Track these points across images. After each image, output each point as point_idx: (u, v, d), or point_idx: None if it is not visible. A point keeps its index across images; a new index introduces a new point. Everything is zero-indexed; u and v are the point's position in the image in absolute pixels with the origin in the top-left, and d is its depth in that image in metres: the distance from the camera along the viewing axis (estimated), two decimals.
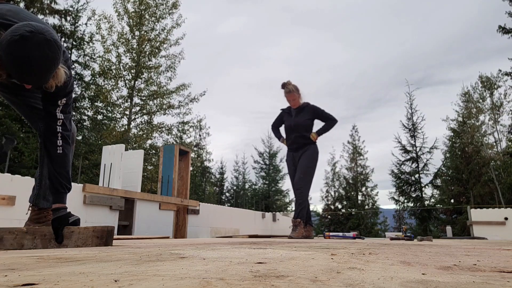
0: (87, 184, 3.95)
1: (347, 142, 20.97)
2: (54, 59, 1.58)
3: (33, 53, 1.50)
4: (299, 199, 4.91)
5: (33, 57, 1.50)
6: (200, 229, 5.82)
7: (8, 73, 1.57)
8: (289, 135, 5.22)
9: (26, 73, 1.53)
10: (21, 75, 1.54)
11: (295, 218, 4.86)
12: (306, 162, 5.01)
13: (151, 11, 16.74)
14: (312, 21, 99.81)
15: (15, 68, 1.51)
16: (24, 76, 1.54)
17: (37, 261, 0.99)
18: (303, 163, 5.01)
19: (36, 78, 1.57)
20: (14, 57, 1.49)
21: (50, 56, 1.55)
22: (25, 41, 1.48)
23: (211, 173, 22.02)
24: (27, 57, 1.49)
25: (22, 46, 1.48)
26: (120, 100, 16.25)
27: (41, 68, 1.55)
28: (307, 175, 4.98)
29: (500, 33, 14.90)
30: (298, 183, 4.93)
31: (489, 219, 7.48)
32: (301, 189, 4.91)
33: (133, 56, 16.31)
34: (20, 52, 1.48)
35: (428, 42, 79.28)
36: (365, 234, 16.10)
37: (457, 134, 18.36)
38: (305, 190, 4.94)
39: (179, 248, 1.59)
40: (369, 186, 19.65)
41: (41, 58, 1.52)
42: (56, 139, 1.89)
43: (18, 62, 1.49)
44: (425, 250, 1.74)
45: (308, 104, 5.20)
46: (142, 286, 0.58)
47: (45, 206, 2.07)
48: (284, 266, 0.89)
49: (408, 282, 0.65)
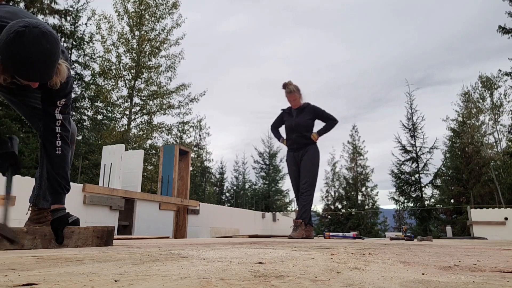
0: (87, 184, 3.95)
1: (347, 142, 21.00)
2: (54, 51, 1.56)
3: (31, 48, 1.48)
4: (303, 202, 4.90)
5: (32, 51, 1.49)
6: (200, 229, 5.82)
7: (11, 75, 1.57)
8: (290, 135, 5.22)
9: (29, 69, 1.51)
10: (25, 73, 1.53)
11: (298, 219, 4.86)
12: (309, 165, 5.00)
13: (151, 11, 16.75)
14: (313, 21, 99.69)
15: (18, 66, 1.50)
16: (28, 73, 1.53)
17: (37, 261, 0.99)
18: (307, 167, 5.00)
19: (40, 73, 1.56)
20: (14, 55, 1.47)
21: (49, 49, 1.54)
22: (21, 37, 1.47)
23: (211, 173, 22.04)
24: (26, 52, 1.48)
25: (19, 43, 1.47)
26: (120, 100, 16.28)
27: (42, 61, 1.53)
28: (312, 178, 4.98)
29: (500, 33, 14.91)
30: (304, 187, 4.92)
31: (489, 219, 7.48)
32: (306, 193, 4.90)
33: (133, 56, 16.31)
34: (19, 49, 1.47)
35: (429, 41, 79.20)
36: (365, 234, 16.10)
37: (457, 134, 18.36)
38: (310, 194, 4.94)
39: (179, 248, 1.59)
40: (369, 186, 19.67)
41: (40, 52, 1.51)
42: (55, 139, 1.88)
43: (18, 59, 1.48)
44: (425, 250, 1.74)
45: (308, 104, 5.20)
46: (142, 286, 0.58)
47: (45, 207, 2.07)
48: (284, 266, 0.89)
49: (408, 282, 0.65)
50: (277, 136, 5.49)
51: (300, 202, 4.99)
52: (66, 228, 1.85)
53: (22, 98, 2.01)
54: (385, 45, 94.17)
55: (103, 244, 1.93)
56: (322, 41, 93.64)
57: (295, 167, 5.14)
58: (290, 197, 21.70)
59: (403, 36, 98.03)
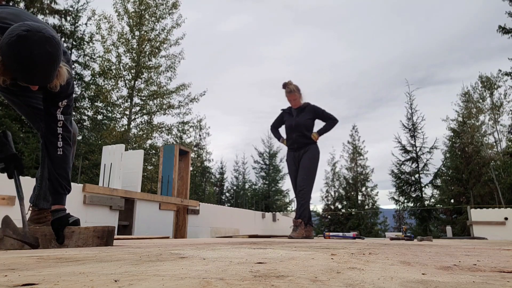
0: (87, 184, 3.95)
1: (347, 142, 20.99)
2: (56, 55, 1.57)
3: (34, 51, 1.49)
4: (301, 200, 4.92)
5: (35, 55, 1.49)
6: (200, 229, 5.82)
7: (12, 77, 1.57)
8: (290, 135, 5.22)
9: (31, 72, 1.52)
10: (26, 76, 1.53)
11: (297, 219, 4.86)
12: (308, 163, 5.02)
13: (151, 11, 16.74)
14: (314, 20, 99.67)
15: (19, 68, 1.50)
16: (30, 76, 1.53)
17: (37, 261, 0.99)
18: (305, 164, 5.01)
19: (41, 77, 1.57)
20: (16, 57, 1.48)
21: (51, 53, 1.54)
22: (23, 41, 1.47)
23: (211, 173, 22.03)
24: (29, 55, 1.48)
25: (21, 46, 1.47)
26: (120, 100, 16.26)
27: (44, 65, 1.54)
28: (310, 176, 4.99)
29: (500, 33, 14.91)
30: (301, 184, 4.93)
31: (489, 219, 7.48)
32: (303, 190, 4.91)
33: (133, 56, 16.31)
34: (21, 52, 1.47)
35: (431, 41, 79.13)
36: (365, 234, 16.10)
37: (457, 134, 18.35)
38: (308, 191, 4.95)
39: (179, 248, 1.59)
40: (369, 186, 19.66)
41: (43, 56, 1.51)
42: (57, 140, 1.88)
43: (20, 62, 1.48)
44: (425, 250, 1.74)
45: (308, 104, 5.21)
46: (142, 286, 0.58)
47: (45, 207, 2.07)
48: (284, 266, 0.89)
49: (408, 282, 0.65)
50: (277, 136, 5.50)
51: (298, 200, 4.99)
52: (66, 228, 1.86)
53: (23, 98, 2.01)
54: (386, 44, 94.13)
55: (103, 244, 1.93)
56: (323, 41, 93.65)
57: (295, 167, 5.14)
58: (290, 197, 21.70)
59: (404, 36, 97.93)
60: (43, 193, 2.06)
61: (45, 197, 2.06)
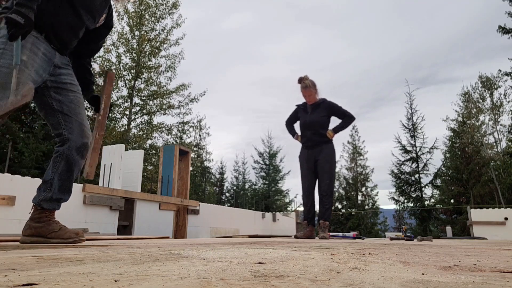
0: (87, 184, 3.95)
1: (347, 142, 21.01)
2: None
3: None
4: (326, 205, 4.89)
5: None
6: (200, 229, 5.82)
7: None
8: (305, 132, 5.07)
9: None
10: None
11: (324, 220, 4.83)
12: (328, 167, 4.92)
13: (151, 11, 16.74)
14: (317, 18, 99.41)
15: None
16: None
17: (37, 261, 0.99)
18: (326, 169, 4.90)
19: None
20: None
21: None
22: None
23: (211, 173, 22.02)
24: None
25: None
26: (120, 100, 16.26)
27: None
28: (332, 180, 4.95)
29: (500, 33, 14.90)
30: (325, 189, 4.88)
31: (489, 219, 7.48)
32: (328, 195, 4.90)
33: (133, 56, 16.31)
34: None
35: (433, 40, 78.71)
36: (365, 234, 16.11)
37: (457, 134, 18.37)
38: (331, 195, 4.95)
39: (179, 248, 1.59)
40: (369, 186, 19.68)
41: None
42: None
43: None
44: (425, 250, 1.75)
45: (324, 100, 5.05)
46: (142, 286, 0.58)
47: (49, 208, 2.08)
48: (284, 266, 0.89)
49: (408, 282, 0.65)
50: (291, 132, 5.33)
51: (322, 204, 4.93)
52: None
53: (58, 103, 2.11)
54: (389, 43, 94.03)
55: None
56: (325, 39, 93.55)
57: (308, 164, 5.01)
58: (290, 197, 21.70)
59: (407, 34, 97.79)
60: (50, 197, 2.07)
61: (51, 200, 2.08)
